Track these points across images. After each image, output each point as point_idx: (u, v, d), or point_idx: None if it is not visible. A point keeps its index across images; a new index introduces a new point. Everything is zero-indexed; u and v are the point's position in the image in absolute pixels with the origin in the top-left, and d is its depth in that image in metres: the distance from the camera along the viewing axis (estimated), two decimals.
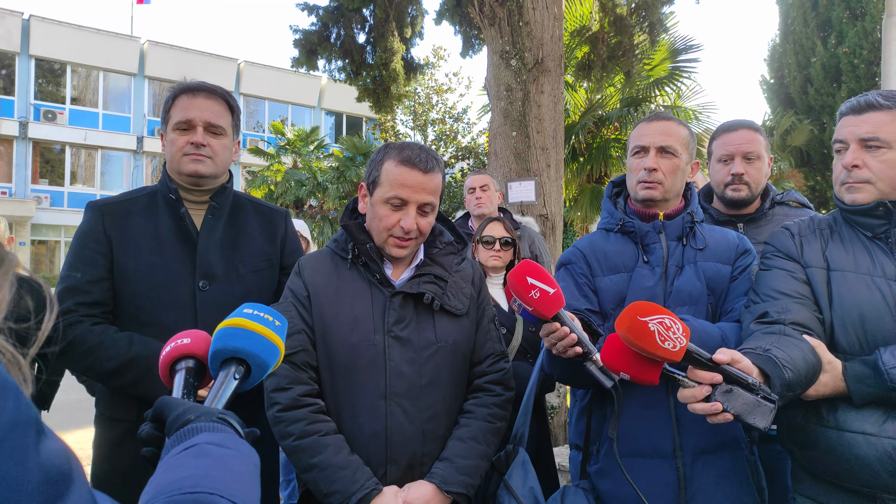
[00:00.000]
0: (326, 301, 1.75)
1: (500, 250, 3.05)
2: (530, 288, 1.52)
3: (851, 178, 1.65)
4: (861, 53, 14.34)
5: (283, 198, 18.43)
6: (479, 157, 18.38)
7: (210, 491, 0.71)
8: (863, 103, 1.65)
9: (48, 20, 23.75)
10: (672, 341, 1.31)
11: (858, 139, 1.64)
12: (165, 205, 1.98)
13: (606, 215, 2.03)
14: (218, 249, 1.98)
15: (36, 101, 23.93)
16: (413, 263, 1.84)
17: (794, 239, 1.77)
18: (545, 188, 6.12)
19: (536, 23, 6.17)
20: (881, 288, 1.59)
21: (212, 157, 1.96)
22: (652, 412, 1.81)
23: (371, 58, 8.82)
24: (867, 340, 1.57)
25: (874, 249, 1.65)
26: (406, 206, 1.71)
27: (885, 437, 1.49)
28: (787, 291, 1.68)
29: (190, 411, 0.87)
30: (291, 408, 1.66)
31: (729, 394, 1.30)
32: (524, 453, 1.91)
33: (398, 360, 1.69)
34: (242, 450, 0.83)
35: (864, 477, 1.52)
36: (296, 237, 2.23)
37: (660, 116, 2.00)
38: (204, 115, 1.95)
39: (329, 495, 1.59)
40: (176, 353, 1.10)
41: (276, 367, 1.11)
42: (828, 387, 1.52)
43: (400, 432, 1.67)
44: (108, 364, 1.79)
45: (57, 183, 24.64)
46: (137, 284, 1.88)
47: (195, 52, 26.46)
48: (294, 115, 28.42)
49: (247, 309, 1.11)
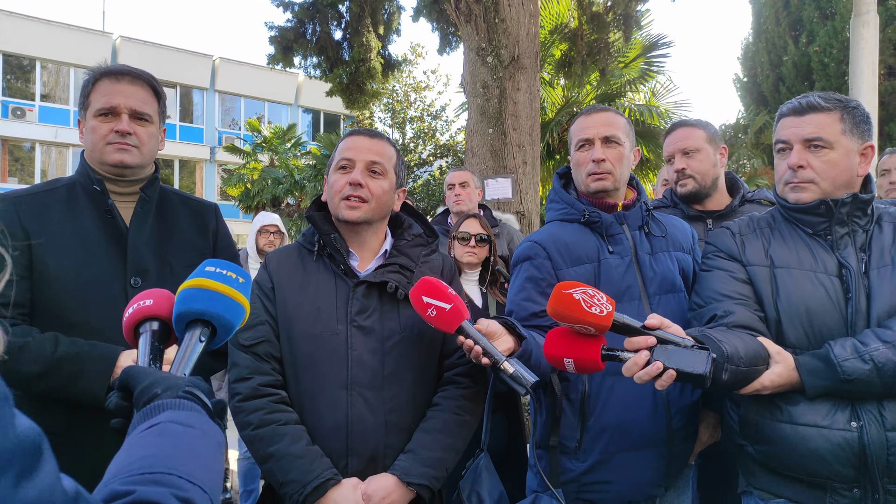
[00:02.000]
0: (290, 293, 1.74)
1: (476, 247, 3.06)
2: (426, 307, 1.56)
3: (797, 178, 1.69)
4: (831, 52, 14.60)
5: (259, 196, 18.26)
6: (458, 154, 18.39)
7: (167, 471, 0.72)
8: (804, 105, 1.69)
9: (16, 14, 23.21)
10: (598, 307, 1.40)
11: (802, 140, 1.68)
12: (88, 197, 1.84)
13: (564, 206, 2.03)
14: (149, 244, 1.87)
15: (4, 98, 23.37)
16: (379, 254, 1.83)
17: (735, 238, 1.81)
18: (522, 185, 6.13)
19: (512, 20, 6.18)
20: (824, 283, 1.65)
21: (138, 147, 1.85)
22: (644, 403, 1.84)
23: (347, 54, 8.77)
24: (814, 335, 1.63)
25: (815, 246, 1.70)
26: (353, 166, 1.75)
27: (836, 429, 1.54)
28: (728, 293, 1.73)
29: (157, 384, 0.86)
30: (251, 397, 1.65)
31: (665, 352, 1.37)
32: (485, 457, 1.88)
33: (361, 349, 1.68)
34: (206, 428, 0.83)
35: (817, 468, 1.57)
36: (227, 233, 2.12)
37: (598, 109, 2.05)
38: (129, 101, 1.83)
39: (285, 485, 1.57)
40: (139, 314, 1.07)
41: (242, 323, 1.09)
42: (782, 377, 1.56)
43: (361, 423, 1.65)
44: (33, 367, 1.62)
45: (27, 181, 24.07)
46: (61, 284, 1.73)
47: (169, 48, 26.03)
48: (270, 113, 28.15)
49: (209, 267, 1.08)
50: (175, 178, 26.00)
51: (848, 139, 1.66)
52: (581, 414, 1.86)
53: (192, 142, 25.92)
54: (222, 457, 0.83)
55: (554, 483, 1.87)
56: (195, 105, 27.19)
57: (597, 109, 2.05)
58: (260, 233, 4.75)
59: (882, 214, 1.73)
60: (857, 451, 1.52)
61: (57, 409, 1.69)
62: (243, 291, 1.07)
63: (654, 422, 1.85)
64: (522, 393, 1.49)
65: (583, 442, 1.86)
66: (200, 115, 27.37)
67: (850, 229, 1.68)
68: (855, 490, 1.56)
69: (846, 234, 1.68)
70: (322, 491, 1.56)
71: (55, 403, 1.70)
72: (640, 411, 1.84)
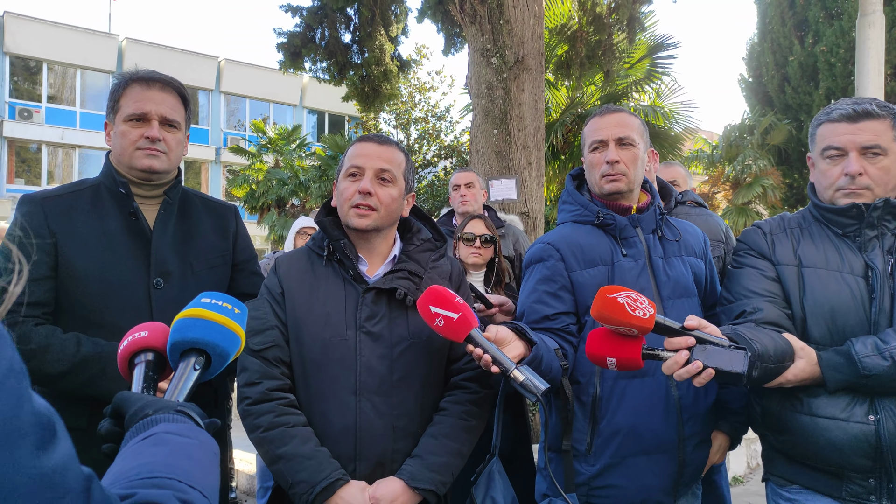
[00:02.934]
0: (300, 297, 1.75)
1: (481, 248, 3.06)
2: (434, 316, 1.56)
3: (854, 185, 1.72)
4: (838, 52, 14.54)
5: (264, 197, 18.30)
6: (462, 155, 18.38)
7: (168, 476, 0.72)
8: (860, 111, 1.71)
9: (23, 17, 23.34)
10: (641, 310, 1.45)
11: (860, 147, 1.70)
12: (112, 199, 1.88)
13: (578, 208, 2.00)
14: (172, 246, 1.91)
15: (11, 100, 23.49)
16: (388, 259, 1.83)
17: (766, 237, 1.85)
18: (526, 186, 6.13)
19: (517, 21, 6.18)
20: (850, 283, 1.69)
21: (166, 153, 1.89)
22: (657, 407, 1.83)
23: (357, 57, 8.78)
24: (837, 332, 1.68)
25: (843, 247, 1.74)
26: (363, 173, 1.75)
27: (854, 422, 1.61)
28: (758, 290, 1.77)
29: (149, 406, 0.87)
30: (260, 401, 1.66)
31: (704, 352, 1.43)
32: (497, 461, 1.88)
33: (369, 355, 1.69)
34: (201, 438, 0.84)
35: (834, 458, 1.64)
36: (246, 234, 2.16)
37: (612, 109, 2.02)
38: (160, 108, 1.88)
39: (294, 485, 1.59)
40: (134, 346, 1.08)
41: (237, 354, 1.10)
42: (805, 371, 1.61)
43: (369, 428, 1.67)
44: (57, 366, 1.68)
45: (33, 182, 24.21)
46: (88, 284, 1.77)
47: (175, 49, 26.15)
48: (276, 114, 28.19)
49: (204, 298, 1.09)
50: None
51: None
52: (592, 417, 1.85)
53: (197, 143, 25.99)
54: (218, 466, 0.84)
55: (568, 488, 1.86)
56: (200, 106, 27.28)
57: (611, 110, 2.01)
58: (299, 234, 4.78)
59: None
60: (874, 443, 1.58)
61: (79, 406, 1.73)
62: (239, 322, 1.08)
63: (666, 426, 1.83)
64: (533, 400, 1.50)
65: (593, 445, 1.84)
66: (206, 116, 27.47)
67: (880, 232, 1.72)
68: (871, 480, 1.62)
69: (875, 236, 1.72)
70: (331, 491, 1.58)
71: (77, 401, 1.74)
72: (653, 415, 1.82)
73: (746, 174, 16.46)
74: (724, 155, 17.34)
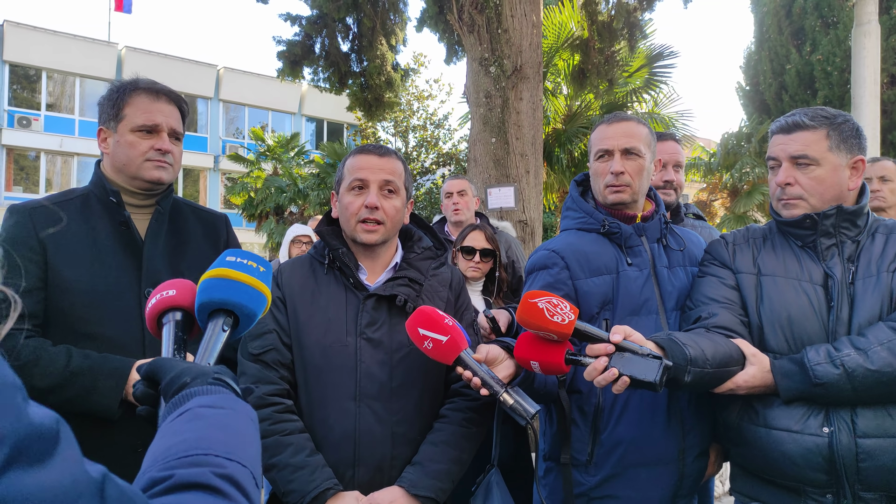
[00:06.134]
0: (302, 304, 1.76)
1: (480, 262, 3.03)
2: (423, 339, 1.57)
3: (785, 195, 1.75)
4: (834, 61, 14.61)
5: (263, 204, 18.30)
6: (461, 163, 18.42)
7: (204, 452, 0.71)
8: (791, 123, 1.75)
9: (23, 25, 23.39)
10: (560, 316, 1.47)
11: (789, 157, 1.73)
12: (102, 209, 1.85)
13: (583, 215, 1.98)
14: (164, 256, 1.89)
15: (10, 108, 23.50)
16: (389, 266, 1.84)
17: (728, 247, 1.89)
18: (524, 194, 6.14)
19: (515, 30, 6.21)
20: (808, 292, 1.70)
21: (172, 165, 1.91)
22: (659, 419, 1.82)
23: (357, 66, 8.81)
24: (794, 341, 1.68)
25: (803, 257, 1.76)
26: (367, 186, 1.76)
27: (807, 434, 1.59)
28: (715, 297, 1.80)
29: (185, 373, 0.86)
30: (256, 407, 1.65)
31: (622, 359, 1.46)
32: (496, 473, 1.87)
33: (369, 361, 1.70)
34: (237, 407, 0.83)
35: (789, 472, 1.62)
36: (237, 243, 2.14)
37: (620, 117, 1.99)
38: (169, 120, 1.89)
39: (286, 494, 1.60)
40: (162, 304, 1.07)
41: (264, 312, 1.10)
42: (756, 378, 1.62)
43: (369, 434, 1.67)
44: (46, 380, 1.62)
45: (31, 190, 24.18)
46: (77, 294, 1.73)
47: (174, 57, 26.19)
48: (274, 122, 28.24)
49: (229, 257, 1.08)
50: (179, 186, 26.06)
51: (835, 155, 1.70)
52: (594, 427, 1.83)
53: (196, 150, 25.99)
54: (258, 432, 0.83)
55: (567, 500, 1.85)
56: (199, 114, 27.31)
57: (619, 118, 1.98)
58: (293, 243, 4.77)
59: (878, 226, 1.77)
60: (827, 456, 1.56)
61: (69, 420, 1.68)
62: (264, 280, 1.08)
63: (667, 438, 1.82)
64: (522, 423, 1.51)
65: (594, 455, 1.83)
66: (205, 123, 27.49)
67: (838, 240, 1.73)
68: (828, 495, 1.60)
69: (833, 245, 1.73)
70: (321, 501, 1.58)
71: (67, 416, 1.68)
72: (655, 427, 1.82)
73: (744, 182, 16.49)
74: (721, 163, 17.38)
